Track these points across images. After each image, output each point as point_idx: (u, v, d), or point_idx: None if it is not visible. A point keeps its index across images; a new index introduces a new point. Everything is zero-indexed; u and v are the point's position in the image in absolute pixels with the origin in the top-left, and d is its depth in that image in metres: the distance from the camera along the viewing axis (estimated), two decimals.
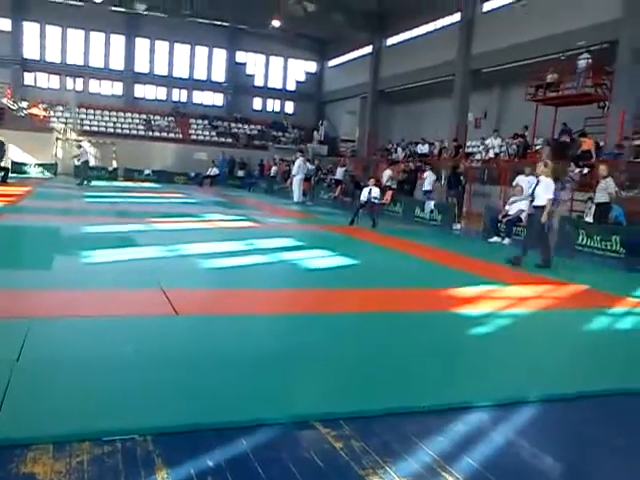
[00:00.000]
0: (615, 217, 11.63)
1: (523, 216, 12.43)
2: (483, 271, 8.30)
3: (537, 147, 19.26)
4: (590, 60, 17.06)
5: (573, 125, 18.02)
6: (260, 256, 8.25)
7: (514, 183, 12.23)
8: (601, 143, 16.66)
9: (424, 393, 3.44)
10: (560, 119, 18.45)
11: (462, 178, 16.15)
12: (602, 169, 12.00)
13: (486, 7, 23.22)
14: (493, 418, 3.18)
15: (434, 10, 25.23)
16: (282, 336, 4.56)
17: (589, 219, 12.33)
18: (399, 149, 28.20)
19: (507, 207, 12.42)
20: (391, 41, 30.27)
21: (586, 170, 15.14)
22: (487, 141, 21.98)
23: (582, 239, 11.32)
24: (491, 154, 21.20)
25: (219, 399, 3.10)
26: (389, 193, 17.13)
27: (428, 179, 17.28)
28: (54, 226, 9.82)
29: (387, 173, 18.32)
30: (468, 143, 23.69)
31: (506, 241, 12.17)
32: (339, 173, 22.74)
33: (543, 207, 8.71)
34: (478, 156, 22.16)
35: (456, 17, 24.22)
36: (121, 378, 3.30)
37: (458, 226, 15.15)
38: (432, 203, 15.93)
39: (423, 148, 25.12)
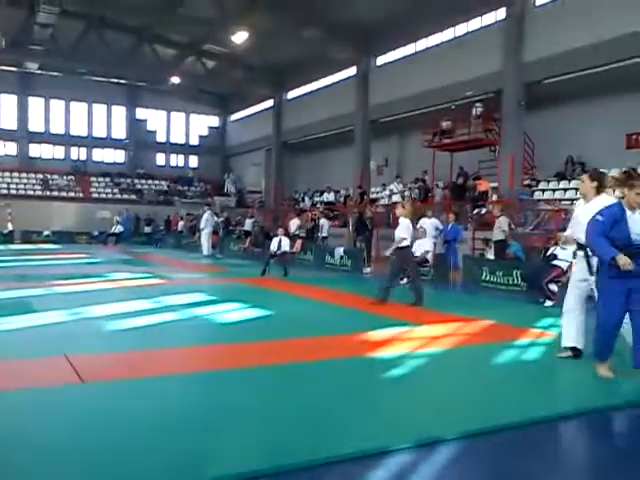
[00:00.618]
0: (514, 252, 12.29)
1: (429, 256, 12.90)
2: (394, 313, 8.44)
3: (436, 190, 20.16)
4: (480, 108, 18.26)
5: (468, 168, 19.09)
6: (170, 313, 8.01)
7: (417, 226, 12.68)
8: (495, 184, 17.70)
9: (341, 441, 3.39)
10: (457, 163, 19.51)
11: (368, 223, 16.59)
12: (495, 209, 12.73)
13: (380, 61, 24.40)
14: (412, 460, 3.18)
15: (331, 65, 26.19)
16: (195, 396, 4.35)
17: (490, 256, 12.95)
18: (306, 198, 28.65)
19: (413, 249, 12.81)
20: (292, 94, 31.06)
21: (484, 210, 16.00)
22: (390, 186, 22.81)
23: (485, 275, 11.85)
24: (395, 199, 21.96)
25: (126, 471, 2.90)
26: (298, 242, 17.26)
27: (325, 226, 18.56)
28: None
29: (295, 222, 18.54)
30: (372, 189, 24.45)
31: None
32: (248, 224, 22.74)
33: (406, 247, 9.14)
34: (382, 201, 22.88)
35: (352, 71, 25.28)
36: (17, 457, 3.03)
37: (368, 270, 15.46)
38: (341, 249, 16.20)
39: (329, 196, 25.65)
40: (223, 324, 7.48)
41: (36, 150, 34.84)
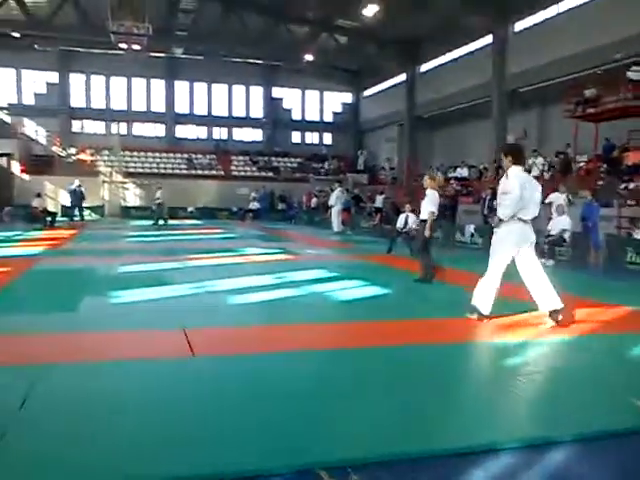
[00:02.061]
0: None
1: (566, 235, 12.00)
2: (523, 295, 7.93)
3: (580, 164, 18.71)
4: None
5: (616, 140, 17.46)
6: (292, 289, 8.13)
7: (547, 201, 11.83)
8: None
9: (443, 434, 3.20)
10: (602, 134, 17.91)
11: None
12: None
13: (518, 27, 22.95)
14: (521, 461, 2.91)
15: (465, 34, 25.10)
16: (300, 375, 4.32)
17: (638, 236, 11.80)
18: (439, 173, 27.85)
19: (549, 227, 12.01)
20: (425, 67, 30.25)
21: (632, 185, 14.58)
22: (529, 160, 21.49)
23: (631, 257, 10.82)
24: (534, 173, 20.67)
25: (213, 448, 2.91)
26: None
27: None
28: (89, 267, 9.99)
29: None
30: None
31: (550, 263, 11.71)
32: (379, 201, 22.63)
33: (433, 220, 8.62)
34: None
35: (488, 39, 24.01)
36: (120, 425, 3.19)
37: None
38: (472, 227, 15.58)
39: (463, 171, 24.76)
40: (342, 302, 7.45)
41: (182, 131, 37.11)
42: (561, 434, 3.21)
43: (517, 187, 5.77)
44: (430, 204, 8.70)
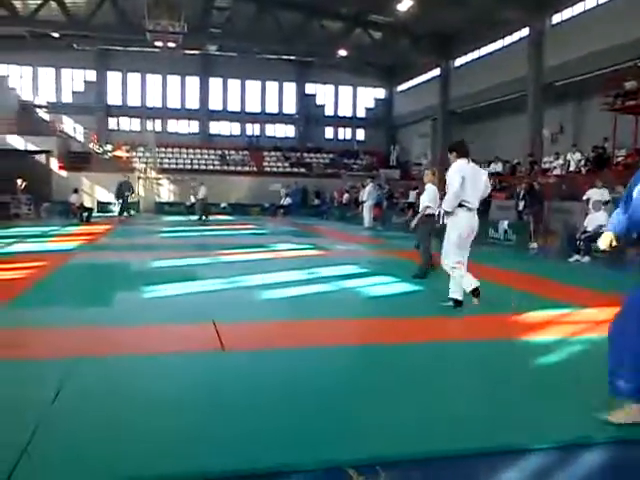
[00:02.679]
0: None
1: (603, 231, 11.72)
2: (556, 294, 7.79)
3: (619, 159, 18.26)
4: None
5: None
6: (321, 284, 8.14)
7: (584, 197, 11.59)
8: None
9: (472, 433, 3.14)
10: None
11: (539, 195, 15.49)
12: None
13: (555, 19, 22.48)
14: (551, 462, 2.85)
15: (501, 28, 24.70)
16: (329, 371, 4.31)
17: None
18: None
19: (585, 223, 11.76)
20: (459, 62, 29.88)
21: None
22: (567, 156, 21.04)
23: None
24: (571, 169, 20.26)
25: (243, 443, 2.91)
26: None
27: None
28: (123, 262, 10.15)
29: None
30: (545, 159, 22.78)
31: (585, 259, 11.47)
32: (411, 196, 22.46)
33: (431, 215, 8.46)
34: (556, 171, 21.21)
35: (524, 32, 23.58)
36: (152, 420, 3.23)
37: (534, 245, 14.48)
38: (506, 223, 15.35)
39: (497, 166, 24.36)
40: (371, 297, 7.42)
41: (215, 127, 37.44)
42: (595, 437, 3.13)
43: (456, 180, 6.15)
44: (427, 199, 8.76)
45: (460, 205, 6.26)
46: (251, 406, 3.44)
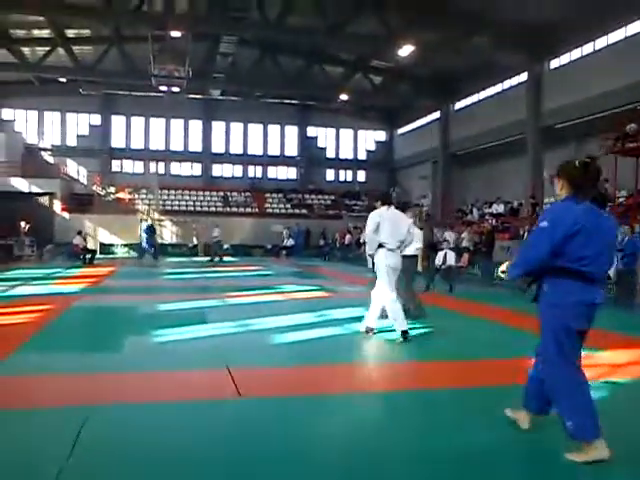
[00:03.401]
0: None
1: (610, 272, 11.71)
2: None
3: (620, 199, 18.40)
4: None
5: None
6: (333, 328, 8.07)
7: None
8: None
9: None
10: None
11: None
12: None
13: (554, 64, 22.95)
14: None
15: (500, 72, 25.21)
16: (347, 419, 4.24)
17: None
18: (474, 210, 27.69)
19: None
20: (459, 105, 30.39)
21: None
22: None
23: None
24: None
25: None
26: (465, 256, 16.65)
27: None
28: (130, 305, 10.10)
29: (465, 235, 17.94)
30: (546, 200, 22.94)
31: None
32: None
33: (413, 256, 8.72)
34: None
35: (523, 77, 24.06)
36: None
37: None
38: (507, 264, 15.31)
39: (499, 207, 24.54)
40: (387, 341, 7.34)
41: (218, 169, 37.82)
42: None
43: (370, 225, 7.00)
44: (416, 239, 8.77)
45: (380, 246, 6.97)
46: (268, 459, 3.37)
